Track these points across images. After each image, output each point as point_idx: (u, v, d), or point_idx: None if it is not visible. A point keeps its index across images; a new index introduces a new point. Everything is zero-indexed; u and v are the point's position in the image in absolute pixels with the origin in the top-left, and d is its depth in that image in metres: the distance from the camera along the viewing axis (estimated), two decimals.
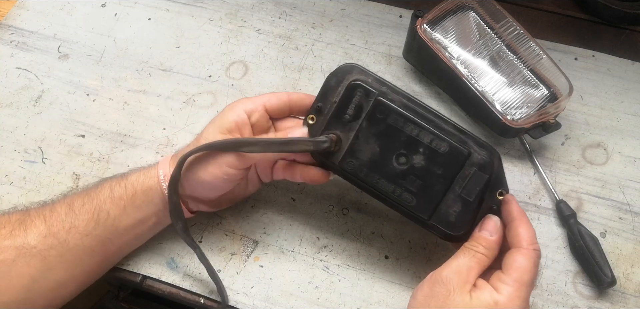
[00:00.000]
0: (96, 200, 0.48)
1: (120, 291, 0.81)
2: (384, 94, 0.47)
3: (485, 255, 0.44)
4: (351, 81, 0.47)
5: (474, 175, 0.45)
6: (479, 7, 0.62)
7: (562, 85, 0.58)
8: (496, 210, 0.46)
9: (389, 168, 0.46)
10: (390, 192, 0.47)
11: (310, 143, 0.47)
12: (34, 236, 0.46)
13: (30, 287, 0.45)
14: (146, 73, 0.67)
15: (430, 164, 0.46)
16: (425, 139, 0.46)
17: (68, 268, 0.47)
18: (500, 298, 0.41)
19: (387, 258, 0.54)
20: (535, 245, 0.44)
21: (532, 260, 0.43)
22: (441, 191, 0.46)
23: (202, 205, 0.52)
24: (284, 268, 0.53)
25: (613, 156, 0.60)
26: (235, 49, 0.69)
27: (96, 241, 0.47)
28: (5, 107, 0.64)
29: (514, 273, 0.42)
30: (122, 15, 0.73)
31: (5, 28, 0.71)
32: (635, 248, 0.54)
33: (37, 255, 0.45)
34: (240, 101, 0.49)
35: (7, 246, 0.45)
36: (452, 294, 0.42)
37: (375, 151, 0.47)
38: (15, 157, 0.60)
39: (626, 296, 0.51)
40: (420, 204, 0.46)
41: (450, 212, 0.46)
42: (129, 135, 0.62)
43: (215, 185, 0.48)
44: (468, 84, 0.58)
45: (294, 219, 0.56)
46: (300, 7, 0.73)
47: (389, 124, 0.46)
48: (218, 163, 0.47)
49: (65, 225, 0.47)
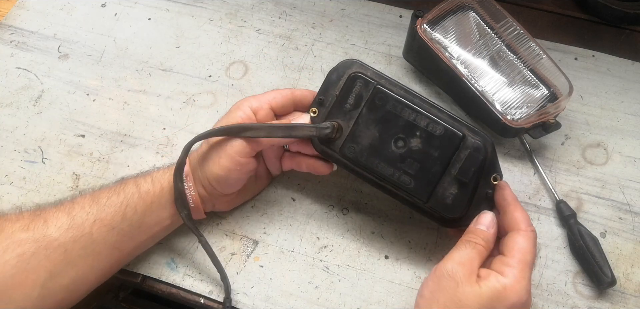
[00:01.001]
0: (123, 194, 0.48)
1: (120, 291, 0.81)
2: (382, 83, 0.49)
3: (483, 246, 0.45)
4: (351, 73, 0.50)
5: (469, 156, 0.47)
6: (479, 7, 0.62)
7: (562, 85, 0.58)
8: (491, 195, 0.48)
9: (388, 152, 0.48)
10: (389, 176, 0.48)
11: (313, 129, 0.49)
12: (55, 228, 0.44)
13: (46, 284, 0.43)
14: (146, 73, 0.67)
15: (427, 147, 0.48)
16: (422, 123, 0.48)
17: (89, 263, 0.46)
18: (507, 281, 0.42)
19: (387, 257, 0.54)
20: (531, 226, 0.46)
21: (532, 240, 0.45)
22: (438, 172, 0.47)
23: (218, 204, 0.53)
24: (284, 268, 0.53)
25: (613, 156, 0.60)
26: (235, 49, 0.69)
27: (121, 236, 0.47)
28: (5, 107, 0.64)
29: (517, 254, 0.44)
30: (122, 15, 0.73)
31: (5, 28, 0.71)
32: (635, 247, 0.54)
33: (59, 248, 0.44)
34: (246, 99, 0.51)
35: (24, 238, 0.43)
36: (461, 285, 0.42)
37: (374, 136, 0.49)
38: (15, 157, 0.60)
39: (626, 296, 0.51)
40: (418, 185, 0.48)
41: (446, 195, 0.47)
42: (129, 135, 0.62)
43: (229, 177, 0.49)
44: (468, 84, 0.58)
45: (294, 219, 0.56)
46: (300, 7, 0.73)
47: (387, 110, 0.49)
48: (228, 155, 0.48)
49: (90, 217, 0.46)
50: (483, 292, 0.42)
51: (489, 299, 0.42)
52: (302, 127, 0.49)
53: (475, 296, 0.42)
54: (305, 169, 0.53)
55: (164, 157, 0.60)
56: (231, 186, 0.50)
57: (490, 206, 0.48)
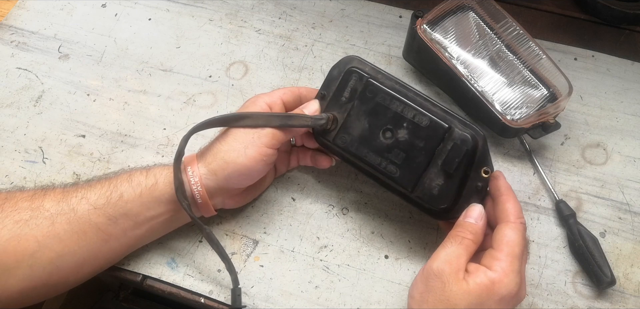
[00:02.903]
0: (114, 180, 0.49)
1: (120, 291, 0.81)
2: (375, 77, 0.51)
3: (471, 240, 0.45)
4: (348, 68, 0.52)
5: (454, 147, 0.48)
6: (478, 7, 0.62)
7: (562, 85, 0.58)
8: (481, 188, 0.48)
9: (376, 142, 0.50)
10: (377, 165, 0.50)
11: (309, 119, 0.50)
12: (50, 200, 0.47)
13: (35, 254, 0.45)
14: (146, 73, 0.67)
15: (413, 138, 0.49)
16: (409, 115, 0.49)
17: (75, 240, 0.46)
18: (495, 275, 0.42)
19: (387, 257, 0.54)
20: (522, 219, 0.45)
21: (520, 232, 0.44)
22: (423, 163, 0.48)
23: (228, 201, 0.53)
24: (284, 268, 0.53)
25: (612, 156, 0.60)
26: (235, 49, 0.69)
27: (105, 219, 0.47)
28: (6, 107, 0.64)
29: (505, 247, 0.43)
30: (122, 15, 0.73)
31: (5, 28, 0.71)
32: (635, 247, 0.54)
33: (48, 218, 0.46)
34: (259, 96, 0.52)
35: (24, 207, 0.46)
36: (448, 284, 0.42)
37: (364, 127, 0.50)
38: (15, 157, 0.60)
39: (626, 296, 0.52)
40: (403, 175, 0.49)
41: (433, 186, 0.48)
42: (129, 135, 0.62)
43: (252, 168, 0.49)
44: (468, 84, 0.58)
45: (294, 219, 0.56)
46: (300, 8, 0.73)
47: (377, 102, 0.50)
48: (256, 145, 0.48)
49: (78, 194, 0.48)
50: (471, 289, 0.41)
51: (477, 295, 0.41)
52: (298, 117, 0.51)
53: (464, 293, 0.41)
54: (310, 163, 0.57)
55: (164, 157, 0.60)
56: (251, 178, 0.51)
57: (481, 199, 0.48)
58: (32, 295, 0.47)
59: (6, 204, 0.46)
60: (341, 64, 0.53)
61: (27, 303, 0.47)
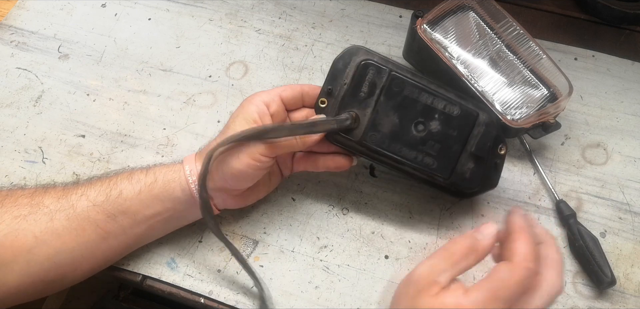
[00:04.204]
0: (114, 178, 0.49)
1: (120, 291, 0.81)
2: (395, 69, 0.50)
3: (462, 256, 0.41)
4: (361, 61, 0.50)
5: (484, 132, 0.50)
6: (478, 7, 0.62)
7: (562, 85, 0.58)
8: (498, 165, 0.52)
9: (409, 136, 0.50)
10: (413, 159, 0.50)
11: (334, 122, 0.49)
12: (50, 197, 0.47)
13: (32, 249, 0.45)
14: (146, 73, 0.67)
15: (446, 128, 0.50)
16: (439, 106, 0.50)
17: (73, 237, 0.46)
18: (465, 302, 0.38)
19: (387, 258, 0.54)
20: (529, 263, 0.40)
21: (518, 276, 0.39)
22: (458, 150, 0.50)
23: (229, 201, 0.52)
24: (284, 268, 0.53)
25: (613, 156, 0.60)
26: (235, 49, 0.69)
27: (104, 216, 0.47)
28: (6, 107, 0.64)
29: (491, 282, 0.39)
30: (122, 15, 0.73)
31: (5, 28, 0.71)
32: (635, 247, 0.54)
33: (47, 214, 0.46)
34: (257, 94, 0.51)
35: (24, 203, 0.47)
36: (420, 295, 0.40)
37: (395, 122, 0.50)
38: (15, 157, 0.60)
39: (626, 296, 0.52)
40: (440, 165, 0.50)
41: (465, 170, 0.50)
42: (129, 135, 0.62)
43: (248, 174, 0.49)
44: (468, 84, 0.58)
45: (294, 219, 0.56)
46: (300, 7, 0.73)
47: (405, 95, 0.50)
48: (250, 152, 0.48)
49: (78, 192, 0.48)
50: (436, 305, 0.39)
51: None
52: (322, 122, 0.49)
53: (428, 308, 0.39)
54: (322, 169, 0.53)
55: (164, 157, 0.60)
56: (246, 182, 0.50)
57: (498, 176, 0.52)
58: (30, 291, 0.47)
59: (6, 201, 0.47)
60: (346, 56, 0.51)
61: (25, 299, 0.47)
